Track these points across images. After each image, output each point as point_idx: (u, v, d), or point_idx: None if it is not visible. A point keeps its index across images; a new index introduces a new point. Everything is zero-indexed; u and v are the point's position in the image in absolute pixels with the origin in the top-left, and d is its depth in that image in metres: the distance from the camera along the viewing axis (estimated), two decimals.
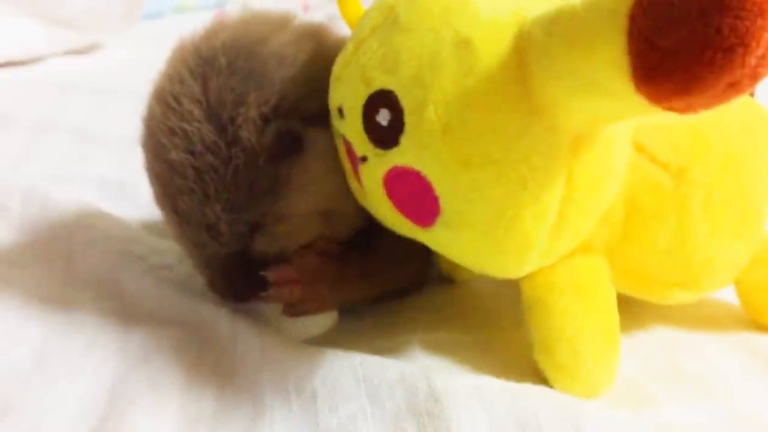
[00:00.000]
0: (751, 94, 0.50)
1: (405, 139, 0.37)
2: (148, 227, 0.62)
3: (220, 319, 0.45)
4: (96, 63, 1.19)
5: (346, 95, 0.39)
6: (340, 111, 0.40)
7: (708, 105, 0.29)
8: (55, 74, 1.06)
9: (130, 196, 0.68)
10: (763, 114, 0.49)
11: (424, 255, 0.52)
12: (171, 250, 0.56)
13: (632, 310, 0.46)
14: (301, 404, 0.39)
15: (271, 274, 0.45)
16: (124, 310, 0.47)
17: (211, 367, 0.42)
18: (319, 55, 0.43)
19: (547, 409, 0.37)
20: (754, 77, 0.28)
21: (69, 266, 0.51)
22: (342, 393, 0.39)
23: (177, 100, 0.41)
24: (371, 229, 0.48)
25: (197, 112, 0.41)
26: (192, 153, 0.40)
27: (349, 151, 0.41)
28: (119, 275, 0.50)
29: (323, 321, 0.49)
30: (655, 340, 0.49)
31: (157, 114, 0.42)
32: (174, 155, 0.41)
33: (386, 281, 0.51)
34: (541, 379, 0.42)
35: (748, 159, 0.45)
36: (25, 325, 0.45)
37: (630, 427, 0.37)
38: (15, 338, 0.43)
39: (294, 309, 0.46)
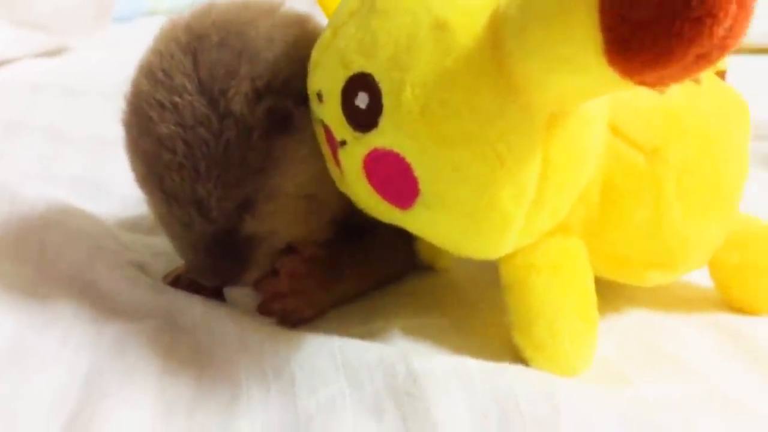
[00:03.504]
0: (722, 76, 0.51)
1: (384, 121, 0.37)
2: (122, 223, 0.62)
3: (195, 307, 0.45)
4: (66, 65, 1.17)
5: (325, 80, 0.40)
6: (319, 96, 0.40)
7: (679, 77, 0.30)
8: (25, 75, 1.05)
9: (103, 194, 0.68)
10: (735, 97, 0.50)
11: (408, 245, 0.53)
12: (145, 246, 0.56)
13: (607, 294, 0.46)
14: (279, 388, 0.39)
15: (262, 288, 0.46)
16: (97, 303, 0.46)
17: (187, 354, 0.42)
18: (305, 40, 0.44)
19: (525, 386, 0.37)
20: (723, 48, 0.29)
21: (41, 262, 0.50)
22: (321, 376, 0.39)
23: (167, 74, 0.41)
24: (356, 224, 0.48)
25: (188, 85, 0.40)
26: (182, 126, 0.40)
27: (329, 136, 0.41)
28: (92, 270, 0.49)
29: None
30: (630, 322, 0.49)
31: (144, 88, 0.42)
32: (163, 129, 0.40)
33: (375, 275, 0.52)
34: (520, 359, 0.43)
35: (721, 141, 0.46)
36: None
37: (606, 403, 0.37)
38: None
39: (289, 319, 0.46)
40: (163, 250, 0.54)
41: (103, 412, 0.36)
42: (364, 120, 0.38)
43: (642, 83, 0.31)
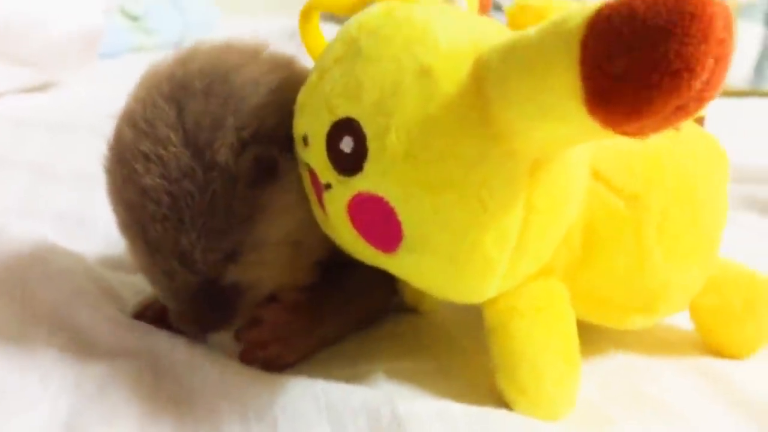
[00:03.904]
0: (700, 122, 0.52)
1: (368, 165, 0.37)
2: (105, 261, 0.61)
3: (176, 349, 0.45)
4: (52, 100, 1.18)
5: (311, 124, 0.40)
6: (305, 139, 0.41)
7: (658, 128, 0.31)
8: (10, 111, 1.05)
9: (87, 231, 0.67)
10: (714, 144, 0.51)
11: (388, 282, 0.53)
12: (126, 284, 0.56)
13: (590, 337, 0.46)
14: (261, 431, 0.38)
15: (244, 338, 0.45)
16: (79, 343, 0.46)
17: (168, 396, 0.41)
18: (291, 84, 0.44)
19: (512, 429, 0.37)
20: (700, 100, 0.30)
21: (24, 300, 0.50)
22: (303, 420, 0.39)
23: (151, 124, 0.41)
24: (335, 265, 0.48)
25: (173, 136, 0.40)
26: (167, 179, 0.40)
27: (314, 179, 0.41)
28: (74, 309, 0.48)
29: None
30: (613, 365, 0.50)
31: (128, 139, 0.41)
32: (148, 180, 0.40)
33: (356, 315, 0.52)
34: (503, 403, 0.43)
35: (701, 186, 0.47)
36: None
37: None
38: None
39: (272, 365, 0.45)
40: (144, 289, 0.53)
41: None
42: (349, 164, 0.38)
43: (623, 133, 0.32)
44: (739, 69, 1.89)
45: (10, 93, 1.14)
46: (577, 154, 0.40)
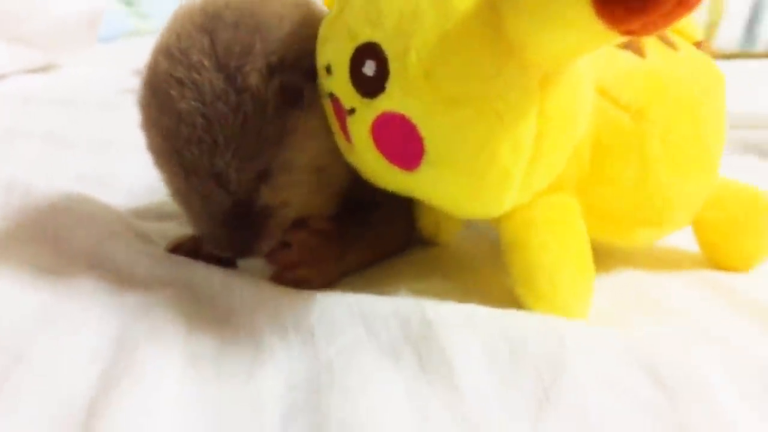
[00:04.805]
0: (697, 46, 0.55)
1: (390, 85, 0.40)
2: (130, 213, 0.63)
3: (212, 275, 0.47)
4: (55, 81, 1.20)
5: (334, 52, 0.43)
6: (328, 69, 0.43)
7: (661, 24, 0.33)
8: (17, 89, 1.07)
9: (110, 189, 0.69)
10: (711, 64, 0.54)
11: (407, 220, 0.56)
12: (157, 231, 0.58)
13: (598, 257, 0.49)
14: (300, 339, 0.41)
15: (274, 260, 0.48)
16: (116, 276, 0.48)
17: (209, 316, 0.44)
18: (311, 20, 0.47)
19: (532, 325, 0.40)
20: None
21: (57, 244, 0.51)
22: (338, 327, 0.41)
23: (184, 53, 0.44)
24: (360, 200, 0.52)
25: (206, 62, 0.43)
26: (202, 102, 0.43)
27: (337, 107, 0.44)
28: (108, 246, 0.50)
29: None
30: (623, 279, 0.53)
31: (163, 67, 0.44)
32: (183, 105, 0.43)
33: (378, 247, 0.55)
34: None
35: (701, 103, 0.50)
36: (22, 290, 0.45)
37: (608, 337, 0.40)
38: (14, 300, 0.44)
39: (302, 287, 0.48)
40: (173, 236, 0.56)
41: (136, 362, 0.38)
42: (372, 86, 0.41)
43: (628, 33, 0.34)
44: (729, 32, 1.92)
45: (14, 74, 1.16)
46: (583, 69, 0.43)
